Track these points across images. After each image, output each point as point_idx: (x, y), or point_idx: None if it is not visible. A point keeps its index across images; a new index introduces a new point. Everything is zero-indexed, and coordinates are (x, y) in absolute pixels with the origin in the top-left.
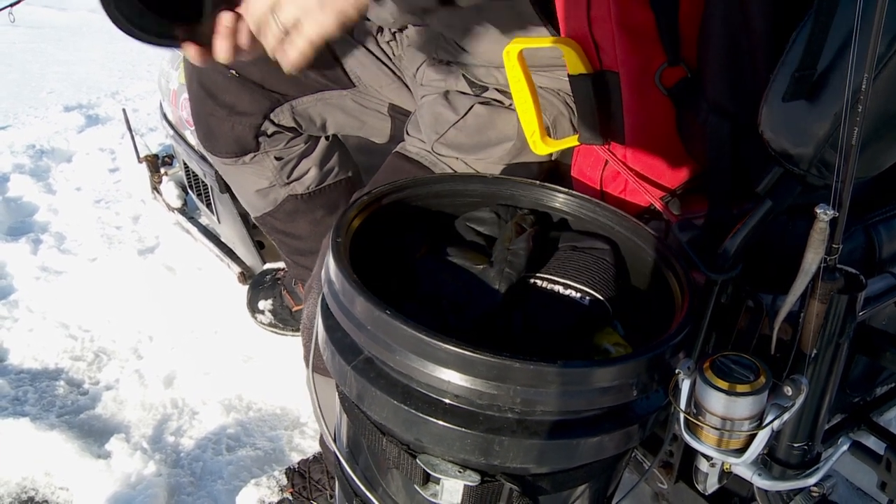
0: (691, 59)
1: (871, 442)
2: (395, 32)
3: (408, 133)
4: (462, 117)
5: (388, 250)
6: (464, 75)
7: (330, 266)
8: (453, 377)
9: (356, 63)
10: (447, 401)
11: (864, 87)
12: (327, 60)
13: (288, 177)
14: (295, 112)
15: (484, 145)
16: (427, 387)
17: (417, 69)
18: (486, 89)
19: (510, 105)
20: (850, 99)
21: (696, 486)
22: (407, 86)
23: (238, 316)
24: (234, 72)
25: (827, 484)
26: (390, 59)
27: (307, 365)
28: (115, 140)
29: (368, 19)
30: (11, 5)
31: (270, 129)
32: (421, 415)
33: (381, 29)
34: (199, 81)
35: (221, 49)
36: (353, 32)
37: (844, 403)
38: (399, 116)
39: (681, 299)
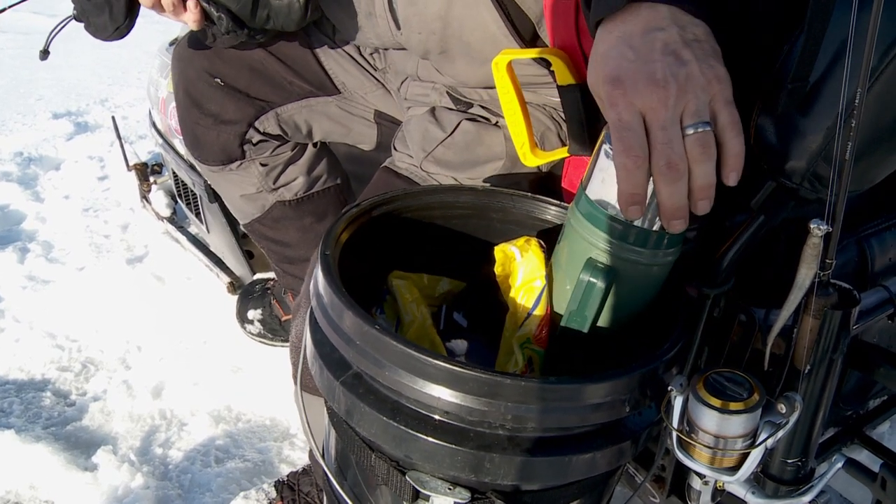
0: None
1: (864, 456)
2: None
3: (395, 148)
4: (450, 134)
5: (377, 263)
6: (448, 92)
7: (318, 279)
8: (443, 393)
9: (340, 70)
10: (437, 417)
11: (857, 100)
12: (311, 67)
13: (274, 182)
14: (280, 119)
15: (473, 163)
16: (417, 403)
17: (402, 83)
18: (472, 105)
19: (497, 122)
20: (844, 112)
21: (687, 501)
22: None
23: (227, 326)
24: (219, 80)
25: (821, 500)
26: (374, 69)
27: (295, 382)
28: (105, 148)
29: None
30: None
31: (256, 137)
32: (410, 431)
33: None
34: (185, 90)
35: None
36: (336, 40)
37: (837, 417)
38: (385, 123)
39: (673, 313)
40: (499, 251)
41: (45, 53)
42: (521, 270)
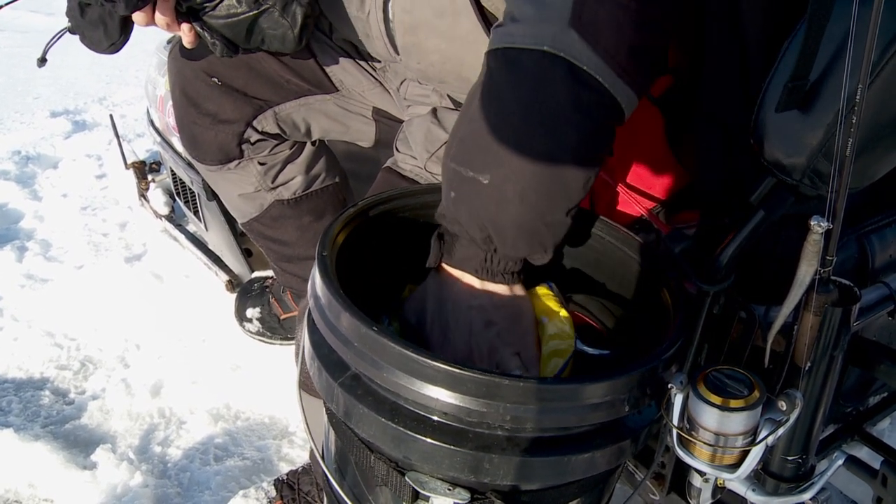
0: (680, 67)
1: (864, 453)
2: None
3: (398, 149)
4: None
5: (376, 263)
6: (448, 94)
7: (316, 280)
8: (441, 394)
9: (338, 68)
10: (436, 418)
11: (858, 96)
12: (309, 65)
13: (272, 181)
14: (278, 118)
15: None
16: (415, 404)
17: (401, 83)
18: None
19: None
20: (845, 109)
21: (687, 498)
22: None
23: (226, 324)
24: (216, 80)
25: (821, 497)
26: (372, 67)
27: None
28: (102, 146)
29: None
30: None
31: (254, 136)
32: (409, 432)
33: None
34: (182, 90)
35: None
36: (334, 38)
37: (837, 414)
38: (383, 120)
39: (672, 311)
40: None
41: (42, 61)
42: (549, 335)
